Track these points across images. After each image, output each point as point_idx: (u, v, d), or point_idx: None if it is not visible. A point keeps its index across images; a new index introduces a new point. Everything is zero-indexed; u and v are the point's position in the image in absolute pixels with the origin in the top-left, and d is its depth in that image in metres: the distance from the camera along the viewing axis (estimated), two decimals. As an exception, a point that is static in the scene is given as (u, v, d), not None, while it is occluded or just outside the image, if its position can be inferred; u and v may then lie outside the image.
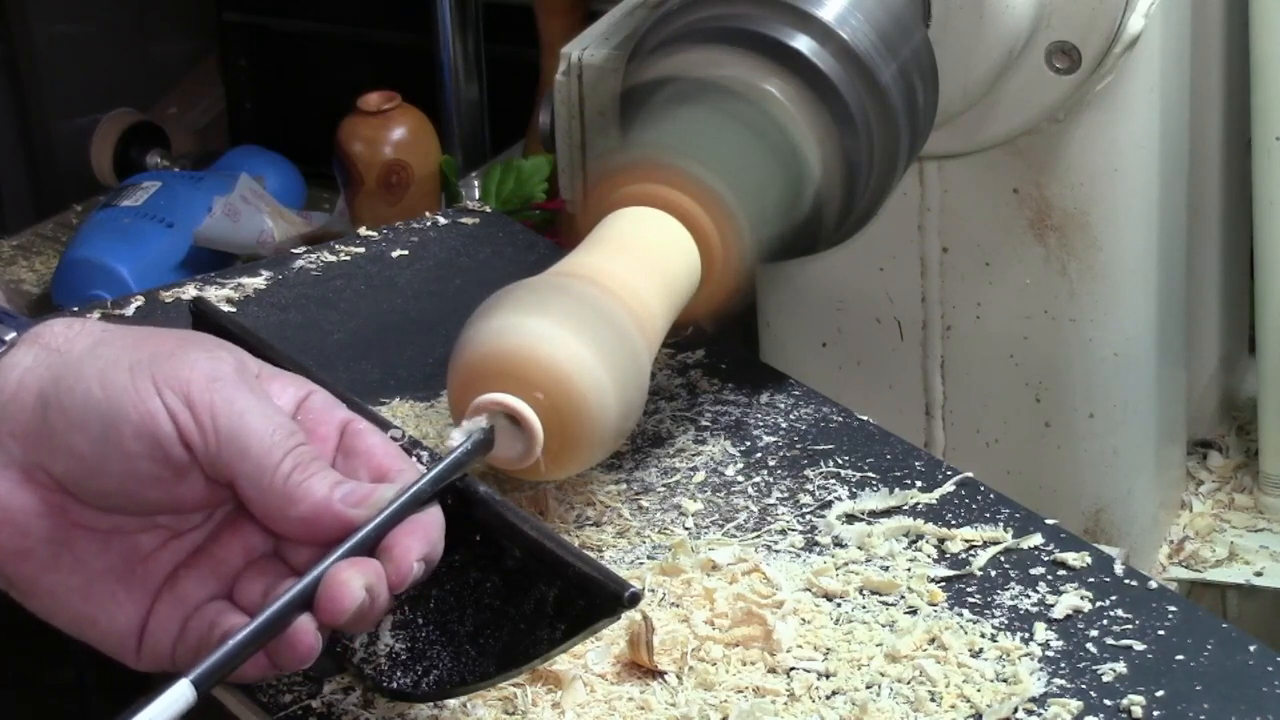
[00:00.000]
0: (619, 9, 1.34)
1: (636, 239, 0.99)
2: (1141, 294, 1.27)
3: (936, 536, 1.00)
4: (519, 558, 0.85)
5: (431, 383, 1.12)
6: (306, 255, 1.30)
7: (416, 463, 0.86)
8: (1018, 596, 0.95)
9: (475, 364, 0.92)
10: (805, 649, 0.92)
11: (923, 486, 1.03)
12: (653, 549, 1.00)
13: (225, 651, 0.78)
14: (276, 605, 0.79)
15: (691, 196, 1.00)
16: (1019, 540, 0.99)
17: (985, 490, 1.03)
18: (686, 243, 1.00)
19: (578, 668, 0.91)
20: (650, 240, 0.99)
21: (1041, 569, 0.97)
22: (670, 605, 0.95)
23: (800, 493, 1.04)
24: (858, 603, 0.95)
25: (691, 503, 1.03)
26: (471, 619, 0.86)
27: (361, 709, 0.89)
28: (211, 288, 1.25)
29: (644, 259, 0.98)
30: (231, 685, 0.91)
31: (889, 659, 0.91)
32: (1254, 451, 1.44)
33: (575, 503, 1.03)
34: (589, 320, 0.93)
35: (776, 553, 0.99)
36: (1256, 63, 1.32)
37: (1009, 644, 0.92)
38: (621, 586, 0.82)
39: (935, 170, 1.25)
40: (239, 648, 0.79)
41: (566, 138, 1.30)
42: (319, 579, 0.80)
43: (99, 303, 1.25)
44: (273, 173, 2.06)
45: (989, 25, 1.15)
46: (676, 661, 0.91)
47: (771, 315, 1.33)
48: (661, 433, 1.09)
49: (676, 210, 1.00)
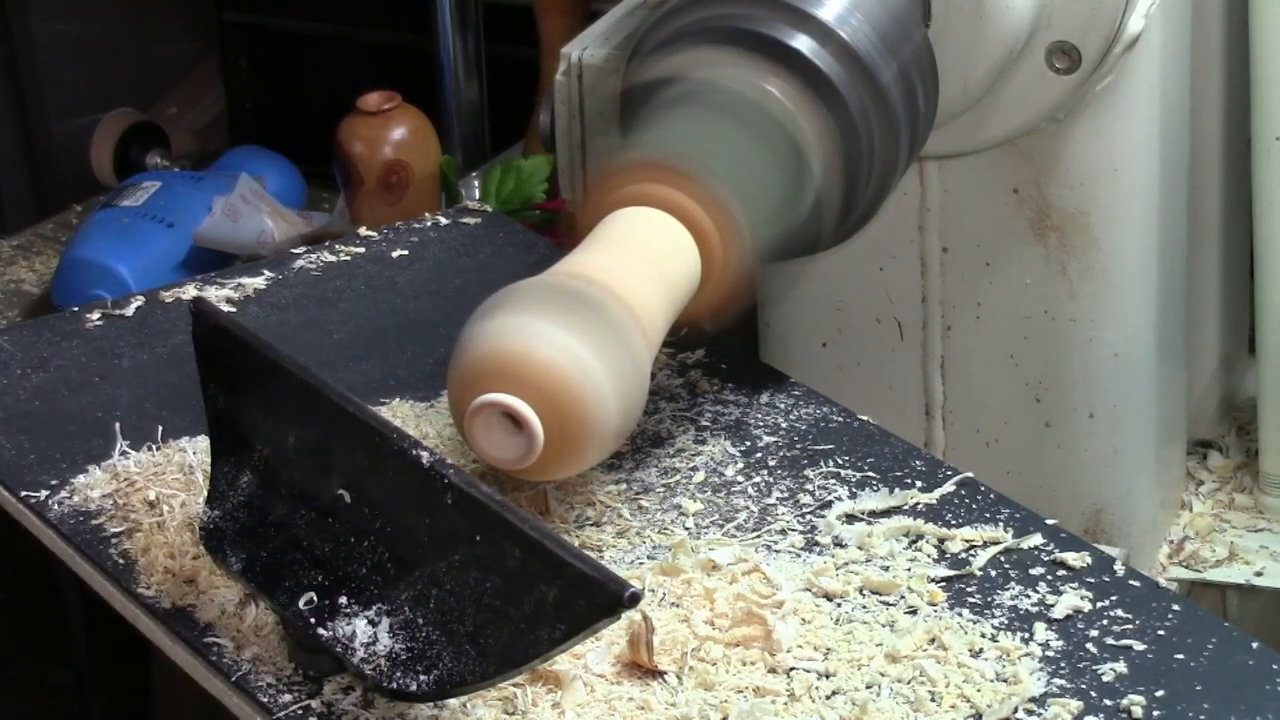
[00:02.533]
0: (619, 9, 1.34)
1: (636, 239, 0.99)
2: (1141, 294, 1.27)
3: (936, 536, 1.00)
4: (519, 558, 0.85)
5: (431, 383, 1.12)
6: (306, 255, 1.30)
7: None
8: (1018, 596, 0.96)
9: (475, 364, 0.92)
10: (805, 649, 0.92)
11: (923, 486, 1.03)
12: (653, 549, 1.00)
13: None
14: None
15: (691, 196, 1.00)
16: (1019, 540, 0.99)
17: (985, 490, 1.03)
18: (686, 243, 1.00)
19: (578, 668, 0.91)
20: (650, 240, 0.99)
21: (1041, 569, 0.97)
22: (670, 605, 0.95)
23: (800, 493, 1.04)
24: (858, 603, 0.96)
25: (691, 503, 1.03)
26: (471, 619, 0.86)
27: (361, 709, 0.89)
28: (211, 288, 1.25)
29: (644, 259, 0.98)
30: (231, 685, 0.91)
31: (889, 659, 0.91)
32: (1254, 451, 1.44)
33: (575, 503, 1.03)
34: (589, 320, 0.93)
35: (776, 553, 0.99)
36: (1256, 63, 1.32)
37: (1009, 644, 0.92)
38: (621, 586, 0.82)
39: (935, 170, 1.25)
40: None
41: (566, 138, 1.30)
42: None
43: (99, 303, 1.25)
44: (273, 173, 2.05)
45: (989, 25, 1.16)
46: (676, 661, 0.91)
47: (772, 315, 1.33)
48: (661, 433, 1.09)
49: (676, 210, 1.00)
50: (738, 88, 1.05)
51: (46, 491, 1.06)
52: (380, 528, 0.90)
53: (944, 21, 1.15)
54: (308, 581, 0.91)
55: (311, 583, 0.91)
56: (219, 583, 0.97)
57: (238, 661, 0.93)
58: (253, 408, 0.96)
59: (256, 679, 0.92)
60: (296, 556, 0.92)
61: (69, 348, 1.20)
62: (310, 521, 0.93)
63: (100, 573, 1.00)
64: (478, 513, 0.86)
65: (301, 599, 0.91)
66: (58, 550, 1.04)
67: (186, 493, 1.03)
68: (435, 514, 0.88)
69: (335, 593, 0.90)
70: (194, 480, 1.04)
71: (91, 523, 1.03)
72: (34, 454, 1.09)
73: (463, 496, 0.87)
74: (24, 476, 1.07)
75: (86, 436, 1.10)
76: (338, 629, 0.89)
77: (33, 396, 1.15)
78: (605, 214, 1.00)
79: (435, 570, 0.87)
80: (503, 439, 0.92)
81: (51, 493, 1.05)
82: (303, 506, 0.93)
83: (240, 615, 0.95)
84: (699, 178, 1.00)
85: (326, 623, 0.89)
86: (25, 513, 1.05)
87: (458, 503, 0.87)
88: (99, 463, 1.07)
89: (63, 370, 1.18)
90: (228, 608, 0.95)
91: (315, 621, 0.90)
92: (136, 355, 1.19)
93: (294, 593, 0.91)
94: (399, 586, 0.89)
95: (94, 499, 1.04)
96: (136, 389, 1.15)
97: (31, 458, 1.09)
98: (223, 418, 0.98)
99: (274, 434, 0.95)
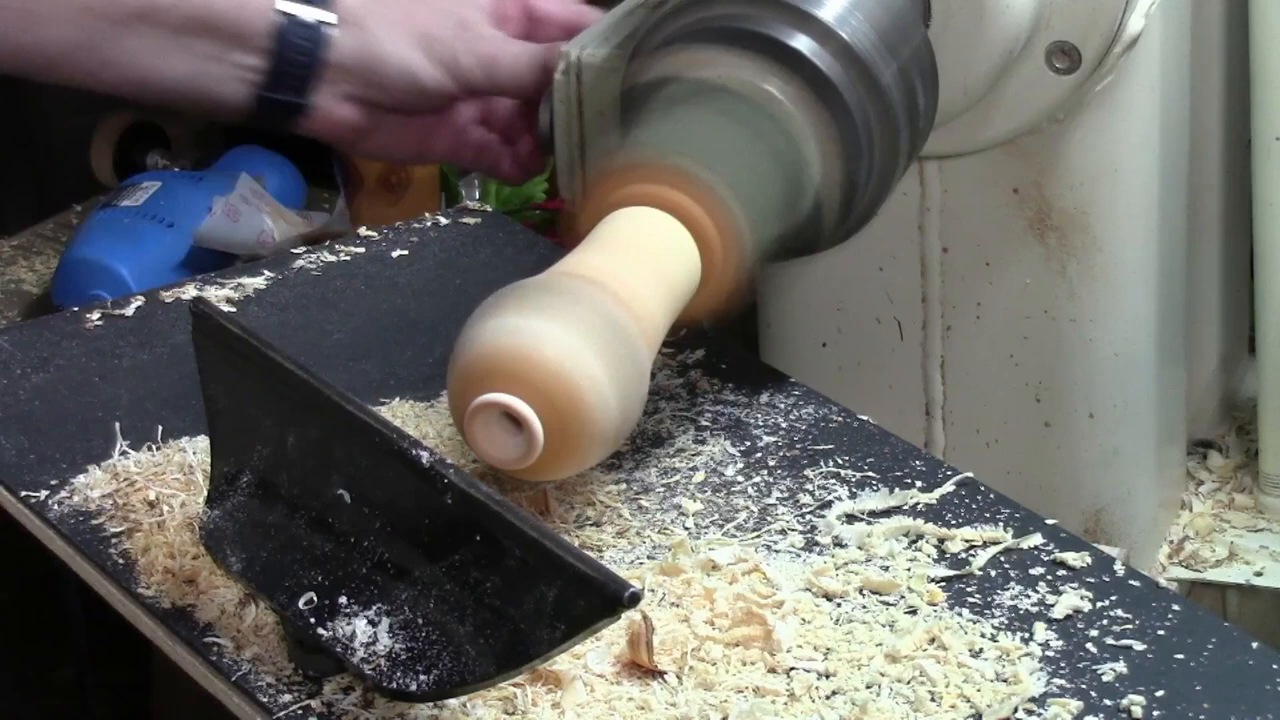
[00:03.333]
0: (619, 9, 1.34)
1: (636, 239, 0.99)
2: (1141, 294, 1.27)
3: (936, 536, 1.00)
4: (519, 558, 0.85)
5: (431, 383, 1.12)
6: (306, 255, 1.30)
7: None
8: (1018, 596, 0.95)
9: (475, 364, 0.92)
10: (805, 649, 0.92)
11: (923, 486, 1.03)
12: (653, 549, 1.00)
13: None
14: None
15: (691, 196, 1.00)
16: (1019, 540, 0.99)
17: (985, 490, 1.03)
18: (686, 243, 1.00)
19: (578, 668, 0.91)
20: (650, 240, 0.99)
21: (1041, 569, 0.97)
22: (670, 605, 0.95)
23: (800, 493, 1.04)
24: (858, 603, 0.95)
25: (691, 503, 1.03)
26: (471, 619, 0.86)
27: (361, 709, 0.89)
28: (212, 288, 1.25)
29: (644, 259, 0.98)
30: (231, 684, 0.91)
31: (889, 659, 0.91)
32: (1254, 451, 1.44)
33: (575, 503, 1.03)
34: (589, 320, 0.93)
35: (776, 553, 0.99)
36: (1256, 63, 1.32)
37: (1009, 644, 0.92)
38: (621, 586, 0.82)
39: (935, 170, 1.25)
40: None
41: (566, 138, 1.30)
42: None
43: (99, 303, 1.25)
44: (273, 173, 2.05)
45: (989, 25, 1.16)
46: (676, 661, 0.91)
47: (771, 315, 1.33)
48: (661, 433, 1.09)
49: (676, 210, 1.00)
50: (738, 88, 1.05)
51: (46, 491, 1.06)
52: (380, 528, 0.90)
53: (944, 21, 1.15)
54: (308, 581, 0.91)
55: (311, 583, 0.91)
56: (219, 583, 0.97)
57: (238, 661, 0.93)
58: (253, 408, 0.96)
59: (256, 679, 0.92)
60: (296, 556, 0.92)
61: (69, 348, 1.20)
62: (310, 521, 0.93)
63: (100, 573, 1.00)
64: (478, 513, 0.86)
65: (301, 599, 0.91)
66: (58, 550, 1.04)
67: (186, 493, 1.03)
68: (435, 514, 0.88)
69: (335, 593, 0.90)
70: (194, 480, 1.04)
71: (91, 523, 1.03)
72: (34, 454, 1.09)
73: (463, 496, 0.87)
74: (24, 476, 1.07)
75: (87, 436, 1.10)
76: (338, 629, 0.89)
77: (33, 396, 1.15)
78: (605, 214, 1.00)
79: (435, 570, 0.87)
80: (503, 439, 0.92)
81: (51, 493, 1.05)
82: (303, 506, 0.93)
83: (240, 615, 0.95)
84: (699, 178, 1.00)
85: (326, 623, 0.89)
86: (25, 513, 1.05)
87: (458, 503, 0.87)
88: (99, 463, 1.07)
89: (63, 370, 1.18)
90: (228, 608, 0.95)
91: (315, 621, 0.90)
92: (136, 355, 1.19)
93: (294, 593, 0.91)
94: (399, 586, 0.89)
95: (94, 499, 1.04)
96: (136, 389, 1.15)
97: (31, 458, 1.09)
98: (223, 418, 0.98)
99: (274, 434, 0.95)
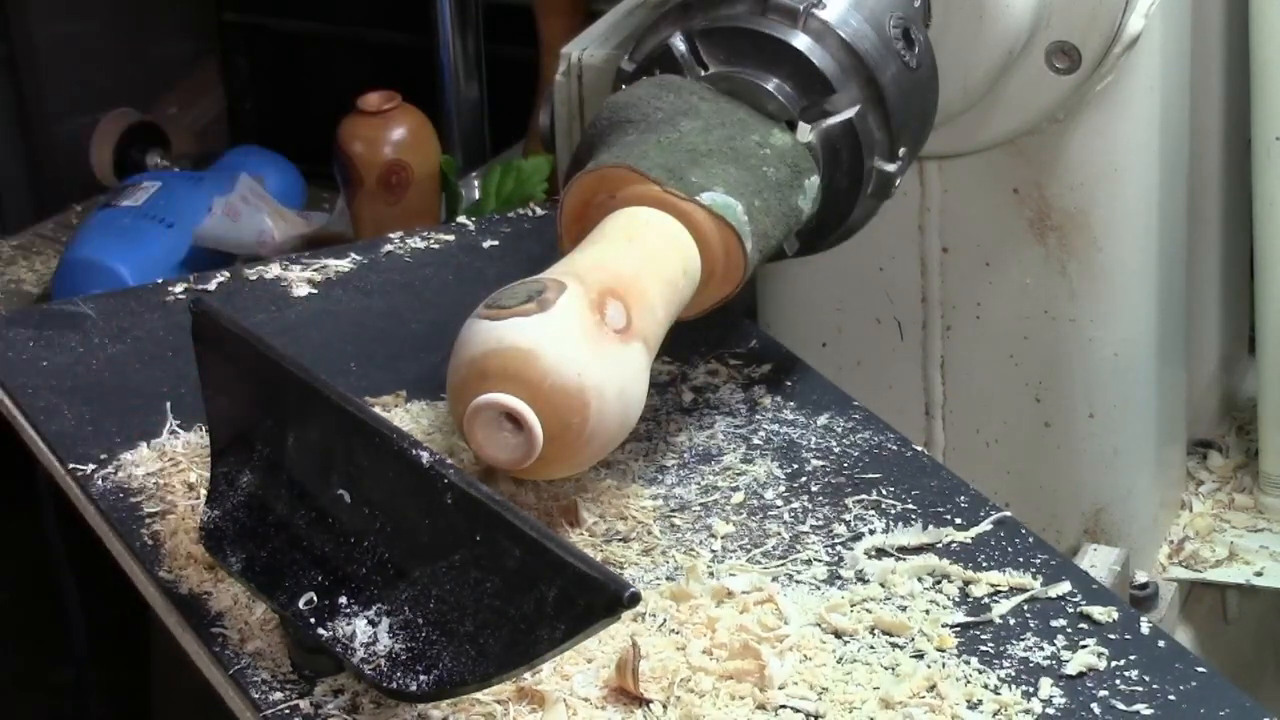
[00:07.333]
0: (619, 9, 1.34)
1: (636, 238, 0.99)
2: (1141, 294, 1.27)
3: (962, 579, 0.97)
4: (519, 558, 0.85)
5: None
6: (395, 240, 1.28)
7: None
8: (1031, 648, 0.93)
9: (475, 364, 0.92)
10: (800, 686, 0.90)
11: (960, 524, 1.01)
12: (673, 570, 0.98)
13: None
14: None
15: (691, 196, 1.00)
16: (1046, 588, 0.96)
17: (1025, 533, 1.00)
18: (686, 243, 1.00)
19: (564, 689, 0.89)
20: (650, 240, 0.99)
21: (1064, 620, 0.94)
22: (670, 632, 0.93)
23: (836, 522, 1.02)
24: (865, 642, 0.93)
25: (724, 525, 1.01)
26: (471, 619, 0.86)
27: (347, 714, 0.89)
28: (296, 268, 1.24)
29: (644, 259, 0.98)
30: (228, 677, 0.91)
31: (882, 704, 0.89)
32: (1254, 451, 1.44)
33: (608, 515, 1.02)
34: (588, 320, 0.93)
35: (797, 583, 0.97)
36: (1256, 63, 1.32)
37: (1009, 698, 0.89)
38: (621, 586, 0.82)
39: (935, 170, 1.25)
40: None
41: (566, 138, 1.30)
42: None
43: (182, 276, 1.25)
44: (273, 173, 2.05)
45: (989, 25, 1.16)
46: (664, 690, 0.90)
47: (771, 315, 1.33)
48: (711, 449, 1.08)
49: (676, 210, 1.00)
50: (738, 88, 1.05)
51: (93, 465, 1.06)
52: (380, 528, 0.90)
53: (944, 21, 1.15)
54: (308, 581, 0.91)
55: (311, 583, 0.91)
56: (237, 572, 0.97)
57: (239, 654, 0.93)
58: (253, 408, 0.96)
59: (253, 674, 0.91)
60: (296, 556, 0.92)
61: (150, 320, 1.20)
62: (310, 521, 0.93)
63: (129, 552, 1.00)
64: (478, 513, 0.86)
65: (301, 599, 0.91)
66: (95, 525, 1.04)
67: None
68: (435, 514, 0.88)
69: (335, 593, 0.90)
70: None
71: (130, 500, 1.03)
72: (91, 425, 1.09)
73: (463, 496, 0.87)
74: (76, 449, 1.07)
75: (147, 411, 1.10)
76: (338, 629, 0.89)
77: (104, 367, 1.15)
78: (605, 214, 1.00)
79: (435, 570, 0.87)
80: (503, 439, 0.92)
81: (99, 467, 1.06)
82: (303, 506, 0.93)
83: (250, 608, 0.95)
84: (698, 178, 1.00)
85: (326, 623, 0.89)
86: (71, 485, 1.06)
87: (458, 503, 0.87)
88: (149, 440, 1.07)
89: (140, 343, 1.17)
90: (241, 598, 0.95)
91: (315, 621, 0.90)
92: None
93: (294, 593, 0.91)
94: (399, 586, 0.89)
95: (138, 476, 1.04)
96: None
97: (89, 429, 1.09)
98: (223, 417, 0.98)
99: (274, 434, 0.95)
